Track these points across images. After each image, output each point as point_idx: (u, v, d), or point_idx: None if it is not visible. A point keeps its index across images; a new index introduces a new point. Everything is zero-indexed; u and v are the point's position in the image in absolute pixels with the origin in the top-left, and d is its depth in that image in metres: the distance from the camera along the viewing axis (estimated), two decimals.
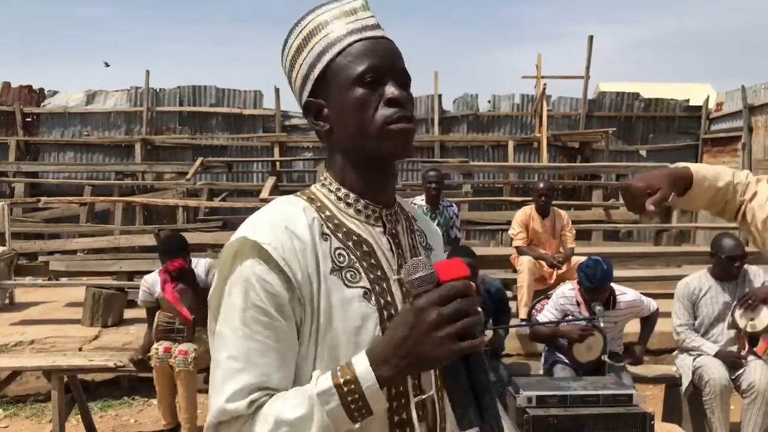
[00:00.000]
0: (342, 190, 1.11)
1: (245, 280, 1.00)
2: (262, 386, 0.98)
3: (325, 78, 1.08)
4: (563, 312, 4.04)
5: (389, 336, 0.96)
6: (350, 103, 1.06)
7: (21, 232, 8.83)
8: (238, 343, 0.99)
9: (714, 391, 3.83)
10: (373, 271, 1.08)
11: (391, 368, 0.94)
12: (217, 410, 0.98)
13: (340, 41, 1.08)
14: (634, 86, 13.70)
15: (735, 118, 11.60)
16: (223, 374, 0.99)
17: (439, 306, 0.93)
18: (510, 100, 12.55)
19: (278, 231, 1.03)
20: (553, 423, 2.97)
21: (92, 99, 12.34)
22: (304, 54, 1.10)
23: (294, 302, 1.01)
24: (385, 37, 1.11)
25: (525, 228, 5.84)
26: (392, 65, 1.09)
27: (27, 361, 4.55)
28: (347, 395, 0.94)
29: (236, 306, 1.00)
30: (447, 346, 0.92)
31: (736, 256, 4.01)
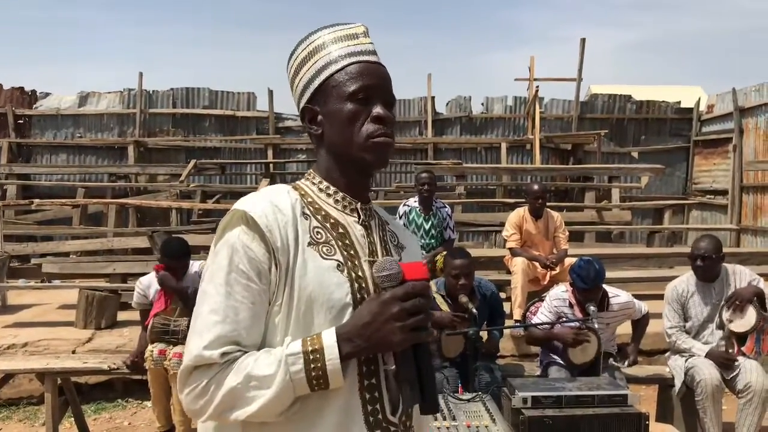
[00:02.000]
0: (324, 183, 1.29)
1: (231, 246, 1.17)
2: (234, 340, 1.13)
3: (322, 89, 1.26)
4: (557, 314, 4.06)
5: (356, 319, 1.15)
6: (342, 115, 1.23)
7: (13, 235, 8.79)
8: (219, 300, 1.15)
9: (706, 392, 3.86)
10: (347, 249, 1.24)
11: (353, 347, 1.13)
12: (194, 355, 1.13)
13: (341, 60, 1.25)
14: (626, 89, 13.77)
15: (726, 120, 11.67)
16: (203, 324, 1.14)
17: (401, 301, 1.12)
18: (503, 102, 12.59)
19: (264, 203, 1.21)
20: (548, 424, 2.98)
21: (85, 101, 12.29)
22: (308, 66, 1.28)
23: (272, 267, 1.16)
24: (380, 63, 1.29)
25: (518, 229, 5.87)
26: (382, 88, 1.26)
27: (20, 363, 4.53)
28: (311, 362, 1.11)
29: (222, 267, 1.16)
30: (402, 335, 1.12)
31: (697, 255, 4.04)
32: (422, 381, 1.14)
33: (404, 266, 1.17)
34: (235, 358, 1.13)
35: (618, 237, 10.58)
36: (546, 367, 4.10)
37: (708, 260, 4.02)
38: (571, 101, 12.36)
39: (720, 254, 4.06)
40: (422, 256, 4.89)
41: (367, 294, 1.21)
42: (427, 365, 1.15)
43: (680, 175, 12.59)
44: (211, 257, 1.20)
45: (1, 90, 12.09)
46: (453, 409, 3.02)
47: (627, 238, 11.12)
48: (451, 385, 3.69)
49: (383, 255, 1.29)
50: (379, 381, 1.20)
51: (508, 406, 3.17)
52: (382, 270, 1.16)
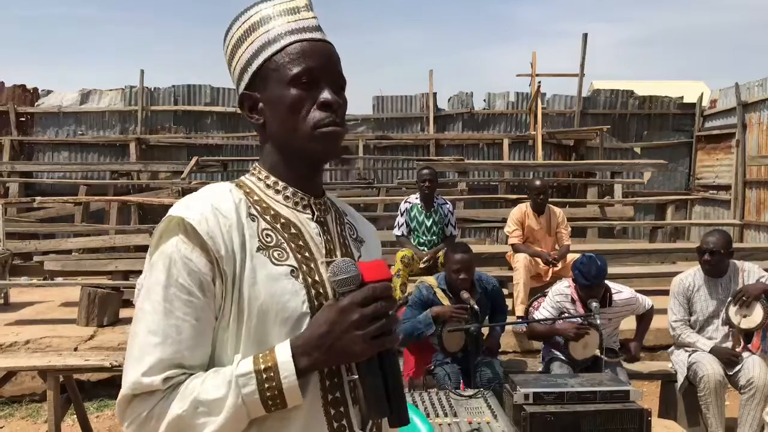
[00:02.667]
0: (271, 178, 1.16)
1: (168, 257, 1.03)
2: (177, 363, 1.01)
3: (261, 73, 1.13)
4: (559, 310, 4.05)
5: (312, 330, 1.03)
6: (284, 103, 1.10)
7: (15, 232, 8.79)
8: (158, 319, 1.02)
9: (708, 387, 3.85)
10: (301, 252, 1.12)
11: (311, 360, 1.02)
12: (133, 382, 1.00)
13: (280, 39, 1.12)
14: (628, 84, 13.75)
15: (729, 115, 11.63)
16: (141, 347, 1.02)
17: (361, 306, 1.01)
18: (505, 98, 12.56)
19: (203, 208, 1.07)
20: (550, 420, 2.98)
21: (86, 98, 12.29)
22: (244, 46, 1.14)
23: (216, 278, 1.04)
24: (325, 40, 1.15)
25: (520, 225, 5.85)
26: (328, 69, 1.13)
27: (22, 361, 4.53)
28: (265, 382, 1.00)
29: (159, 281, 1.03)
30: (364, 344, 1.01)
31: (705, 249, 4.03)
32: (389, 391, 1.04)
33: (363, 266, 1.05)
34: (180, 382, 1.01)
35: (620, 233, 10.56)
36: (548, 363, 4.09)
37: (716, 255, 4.00)
38: (574, 97, 12.33)
39: (729, 250, 4.05)
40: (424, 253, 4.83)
41: (326, 300, 1.09)
42: (394, 374, 1.05)
43: (683, 170, 12.56)
44: (146, 270, 1.07)
45: (3, 88, 12.09)
46: (454, 406, 3.02)
47: (629, 234, 11.10)
48: (453, 381, 3.68)
49: (342, 253, 1.17)
50: (344, 394, 1.10)
51: (509, 403, 3.16)
52: (337, 273, 1.04)
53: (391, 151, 12.24)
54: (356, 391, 1.11)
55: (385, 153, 12.23)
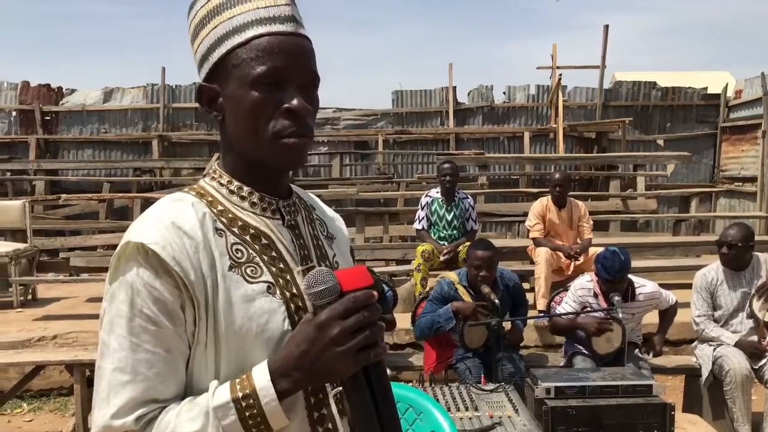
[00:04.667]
0: (234, 182, 1.05)
1: (131, 286, 0.94)
2: (150, 399, 0.93)
3: (222, 65, 1.00)
4: (582, 304, 4.03)
5: (290, 349, 0.94)
6: (244, 106, 0.99)
7: (42, 229, 8.95)
8: (125, 355, 0.93)
9: (735, 381, 3.80)
10: (275, 264, 1.03)
11: (291, 382, 0.93)
12: (102, 426, 0.93)
13: (245, 30, 0.98)
14: (651, 75, 13.57)
15: (754, 105, 11.43)
16: (109, 387, 0.93)
17: (341, 320, 0.91)
18: (525, 91, 12.47)
19: (164, 229, 0.96)
20: (571, 414, 2.96)
21: (109, 96, 12.45)
22: (206, 31, 1.01)
23: (186, 305, 0.95)
24: (297, 33, 1.01)
25: (542, 219, 5.82)
26: (297, 68, 0.99)
27: (50, 355, 4.61)
28: (245, 410, 0.91)
29: (122, 314, 0.94)
30: (348, 360, 0.92)
31: (723, 242, 3.98)
32: (379, 408, 0.95)
33: (340, 275, 0.95)
34: (154, 417, 0.93)
35: (643, 226, 10.44)
36: (571, 357, 4.07)
37: (734, 248, 3.95)
38: (595, 89, 12.20)
39: (748, 243, 3.99)
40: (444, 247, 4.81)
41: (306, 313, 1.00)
42: (383, 388, 0.96)
43: (707, 162, 12.37)
44: (106, 300, 0.97)
45: (29, 87, 12.29)
46: (475, 400, 3.02)
47: (653, 227, 10.96)
48: (474, 376, 3.68)
49: (317, 256, 1.09)
50: (330, 409, 1.04)
51: (531, 397, 3.15)
52: (313, 285, 0.94)
53: (410, 145, 12.22)
54: (343, 403, 1.04)
55: (404, 147, 12.22)
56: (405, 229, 8.84)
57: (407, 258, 6.81)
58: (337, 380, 0.97)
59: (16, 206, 7.11)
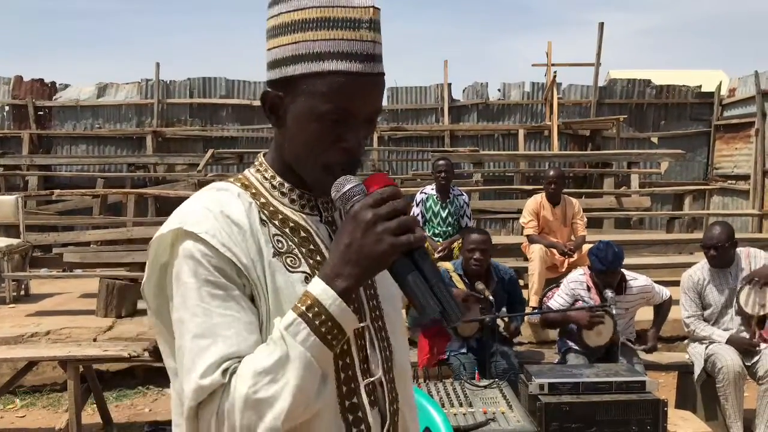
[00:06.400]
0: (277, 178, 1.10)
1: (191, 259, 0.98)
2: (234, 356, 0.95)
3: (294, 82, 1.01)
4: (574, 297, 4.04)
5: (333, 250, 0.98)
6: (304, 133, 1.02)
7: (35, 225, 8.89)
8: (201, 321, 0.96)
9: (727, 378, 3.82)
10: (312, 256, 1.07)
11: (345, 278, 0.95)
12: (193, 391, 0.95)
13: (324, 61, 0.99)
14: (646, 73, 13.58)
15: (748, 103, 11.47)
16: (192, 355, 0.96)
17: (373, 207, 0.95)
18: (520, 88, 12.48)
19: (214, 219, 1.00)
20: (565, 410, 2.98)
21: (103, 92, 12.38)
22: (287, 40, 1.01)
23: (242, 279, 0.99)
24: (374, 73, 1.02)
25: (536, 216, 5.83)
26: (364, 109, 1.03)
27: (43, 351, 4.60)
28: (314, 319, 0.94)
29: (190, 286, 0.98)
30: (388, 240, 0.94)
31: (710, 245, 4.01)
32: (432, 288, 0.97)
33: (365, 180, 1.01)
34: (236, 368, 0.95)
35: (637, 223, 10.47)
36: (564, 354, 4.09)
37: (720, 249, 3.98)
38: (590, 86, 12.21)
39: (732, 241, 4.02)
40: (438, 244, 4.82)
41: None
42: (432, 270, 0.98)
43: (701, 160, 12.41)
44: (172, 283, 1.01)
45: (22, 82, 12.22)
46: (469, 396, 3.03)
47: (646, 225, 11.00)
48: (468, 371, 3.69)
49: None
50: (361, 398, 1.06)
51: (525, 393, 3.16)
52: (341, 188, 0.98)
53: (405, 142, 12.21)
54: (375, 394, 1.08)
55: (399, 144, 12.22)
56: None
57: None
58: (386, 264, 0.97)
59: (9, 201, 7.08)
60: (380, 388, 1.10)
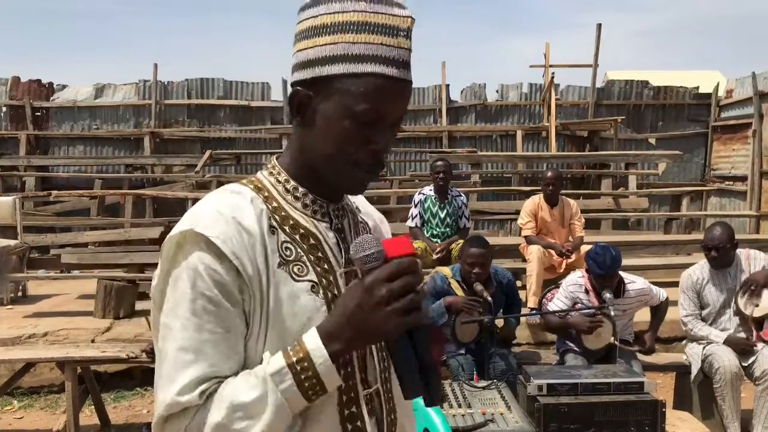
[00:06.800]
0: (291, 182, 1.10)
1: (192, 269, 0.98)
2: (212, 376, 0.97)
3: (327, 81, 1.02)
4: (573, 300, 4.04)
5: (339, 312, 0.99)
6: (336, 131, 1.03)
7: (32, 226, 8.89)
8: (188, 335, 0.97)
9: (725, 379, 3.83)
10: (320, 265, 1.07)
11: (341, 343, 0.98)
12: (168, 404, 0.97)
13: (363, 63, 1.00)
14: (643, 74, 13.63)
15: (745, 105, 11.49)
16: (174, 366, 0.97)
17: (388, 282, 0.96)
18: (518, 89, 12.49)
19: (225, 223, 1.00)
20: (563, 411, 2.98)
21: (101, 92, 12.37)
22: (324, 40, 1.02)
23: (243, 289, 1.00)
24: (407, 80, 1.05)
25: (534, 217, 5.84)
26: (394, 114, 1.05)
27: (41, 352, 4.59)
28: (301, 373, 0.96)
29: (184, 296, 0.98)
30: (394, 321, 0.96)
31: (710, 246, 4.01)
32: (423, 369, 1.00)
33: (386, 243, 1.00)
34: (214, 390, 0.97)
35: (635, 224, 10.50)
36: (563, 355, 4.09)
37: (721, 250, 3.99)
38: (588, 87, 12.23)
39: (733, 242, 4.03)
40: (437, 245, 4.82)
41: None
42: (427, 351, 1.01)
43: (698, 161, 12.44)
44: (168, 286, 1.00)
45: (19, 83, 12.20)
46: (468, 397, 3.03)
47: (644, 226, 11.02)
48: (467, 373, 3.69)
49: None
50: (360, 408, 1.08)
51: (523, 394, 3.17)
52: (360, 250, 0.99)
53: (403, 143, 12.21)
54: (372, 404, 1.10)
55: (397, 145, 12.20)
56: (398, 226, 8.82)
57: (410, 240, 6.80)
58: (383, 340, 1.02)
59: (7, 202, 7.07)
60: (377, 399, 1.11)
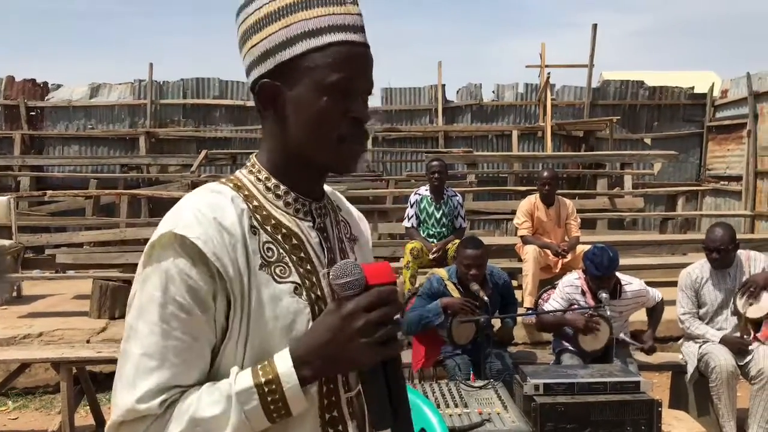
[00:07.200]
0: (272, 180, 1.07)
1: (165, 273, 0.95)
2: (175, 384, 0.94)
3: (291, 66, 1.00)
4: (569, 301, 4.04)
5: (314, 337, 0.96)
6: (315, 110, 1.00)
7: (27, 226, 8.86)
8: (155, 341, 0.94)
9: (720, 378, 3.84)
10: (303, 265, 1.04)
11: (313, 369, 0.95)
12: (126, 410, 0.94)
13: (322, 35, 0.99)
14: (639, 74, 13.65)
15: (740, 105, 11.53)
16: (136, 371, 0.94)
17: (366, 312, 0.94)
18: (514, 89, 12.51)
19: (207, 224, 0.97)
20: (560, 411, 2.98)
21: (96, 92, 12.34)
22: (276, 27, 1.00)
23: (218, 295, 0.96)
24: (367, 44, 1.04)
25: (530, 217, 5.84)
26: (365, 79, 1.03)
27: (36, 353, 4.57)
28: (267, 395, 0.93)
29: (155, 300, 0.95)
30: (370, 352, 0.95)
31: (712, 248, 4.01)
32: (393, 400, 0.98)
33: (367, 269, 0.97)
34: (175, 400, 0.94)
35: (630, 224, 10.52)
36: (559, 355, 4.09)
37: (724, 252, 4.00)
38: (583, 88, 12.26)
39: (735, 243, 4.03)
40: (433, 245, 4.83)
41: None
42: (399, 382, 0.99)
43: (694, 161, 12.48)
44: (138, 284, 0.98)
45: (13, 82, 12.16)
46: (465, 396, 3.03)
47: (640, 225, 11.05)
48: (463, 373, 3.69)
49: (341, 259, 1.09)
50: (342, 412, 1.05)
51: (520, 393, 3.16)
52: (340, 276, 0.96)
53: (399, 143, 12.22)
54: (354, 407, 1.08)
55: (393, 145, 12.22)
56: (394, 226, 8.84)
57: (396, 255, 6.82)
58: (356, 370, 1.00)
59: (1, 202, 7.05)
60: (357, 402, 1.09)
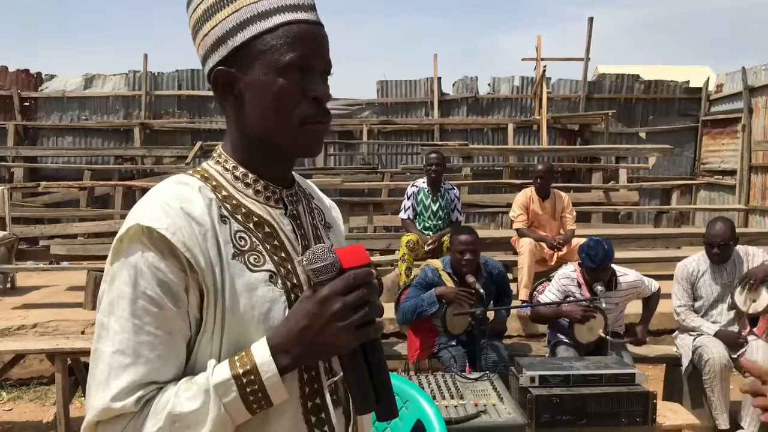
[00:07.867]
0: (239, 169, 1.05)
1: (134, 267, 0.93)
2: (150, 381, 0.92)
3: (244, 51, 0.99)
4: (565, 293, 4.05)
5: (290, 325, 0.95)
6: (272, 92, 0.98)
7: (21, 217, 8.84)
8: (126, 337, 0.92)
9: (714, 370, 3.86)
10: (277, 253, 1.03)
11: (291, 357, 0.94)
12: (101, 409, 0.91)
13: (272, 17, 0.98)
14: (634, 68, 13.65)
15: (735, 99, 11.56)
16: (109, 369, 0.92)
17: (342, 295, 0.93)
18: (510, 82, 12.50)
19: (174, 215, 0.95)
20: (555, 402, 2.99)
21: (90, 83, 12.27)
22: (224, 14, 0.99)
23: (190, 288, 0.94)
24: (319, 22, 1.03)
25: (525, 210, 5.85)
26: (321, 57, 1.02)
27: (30, 344, 4.55)
28: (246, 386, 0.91)
29: (124, 295, 0.93)
30: (348, 335, 0.93)
31: (713, 243, 4.02)
32: (375, 383, 0.97)
33: (341, 252, 0.97)
34: (152, 397, 0.92)
35: (625, 218, 10.54)
36: (554, 347, 4.10)
37: (724, 247, 4.01)
38: (579, 81, 12.26)
39: (735, 237, 4.05)
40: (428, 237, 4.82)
41: None
42: (379, 364, 0.98)
43: (688, 155, 12.51)
44: (107, 280, 0.96)
45: (7, 72, 12.08)
46: (460, 388, 3.03)
47: (634, 219, 11.07)
48: (458, 364, 3.70)
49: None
50: (325, 399, 1.04)
51: (515, 385, 3.17)
52: (314, 261, 0.95)
53: (395, 135, 12.20)
54: (337, 394, 1.06)
55: (389, 138, 12.20)
56: (389, 219, 8.85)
57: (392, 248, 6.82)
58: (335, 355, 0.98)
59: None
60: (341, 387, 1.08)
